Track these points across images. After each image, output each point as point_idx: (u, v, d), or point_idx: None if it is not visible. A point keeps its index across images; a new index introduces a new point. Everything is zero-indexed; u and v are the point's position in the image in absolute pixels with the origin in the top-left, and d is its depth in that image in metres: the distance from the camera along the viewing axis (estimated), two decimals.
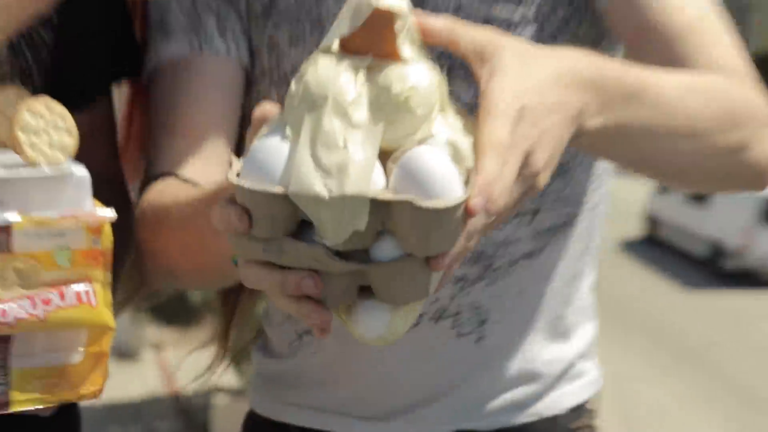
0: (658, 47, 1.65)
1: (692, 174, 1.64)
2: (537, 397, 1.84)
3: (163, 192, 1.72)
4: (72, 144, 1.51)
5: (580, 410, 1.89)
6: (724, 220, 22.84)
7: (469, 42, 1.32)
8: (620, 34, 1.72)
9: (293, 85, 1.25)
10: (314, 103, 1.21)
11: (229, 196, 1.24)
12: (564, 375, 1.87)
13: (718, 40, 1.69)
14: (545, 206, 1.77)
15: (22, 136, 1.49)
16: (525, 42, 1.36)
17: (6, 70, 1.75)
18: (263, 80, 1.85)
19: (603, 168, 1.87)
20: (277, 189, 1.18)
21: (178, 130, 1.80)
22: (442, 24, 1.33)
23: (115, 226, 1.53)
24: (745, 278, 22.49)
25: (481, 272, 1.77)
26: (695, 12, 1.69)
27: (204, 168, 1.77)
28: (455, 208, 1.16)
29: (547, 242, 1.80)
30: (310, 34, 1.79)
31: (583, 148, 1.53)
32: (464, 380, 1.80)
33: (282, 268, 1.22)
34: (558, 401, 1.86)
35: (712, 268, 23.46)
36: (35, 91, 1.71)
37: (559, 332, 1.87)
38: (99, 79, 1.91)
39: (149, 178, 1.79)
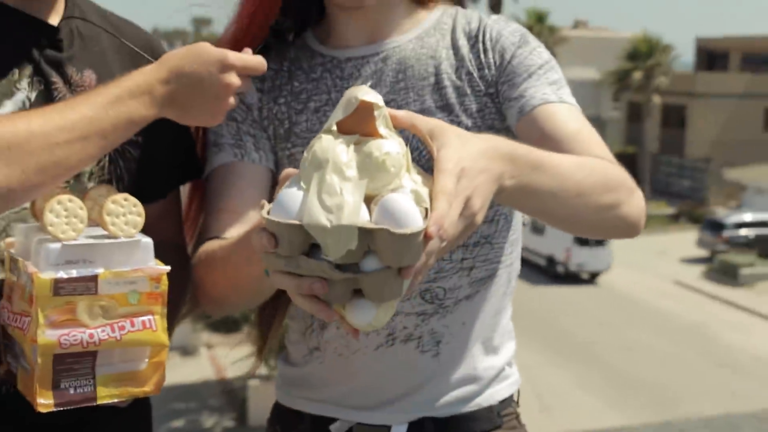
0: (553, 149, 1.65)
1: (581, 223, 1.67)
2: (477, 393, 1.85)
3: (212, 244, 1.75)
4: (141, 222, 1.55)
5: (507, 401, 1.90)
6: (554, 243, 27.83)
7: (424, 125, 1.38)
8: (526, 141, 1.70)
9: (305, 153, 1.30)
10: (319, 165, 1.28)
11: (261, 227, 1.29)
12: (496, 377, 1.88)
13: (595, 142, 1.74)
14: (477, 264, 1.81)
15: (107, 218, 1.53)
16: (460, 129, 1.42)
17: (105, 175, 1.78)
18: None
19: (515, 238, 1.89)
20: (295, 221, 1.25)
21: (224, 210, 1.81)
22: (405, 114, 1.39)
23: (175, 275, 1.57)
24: (569, 278, 28.38)
25: (435, 309, 1.79)
26: (577, 125, 1.74)
27: (241, 233, 1.75)
28: (418, 233, 1.22)
29: (479, 289, 1.83)
30: None
31: (503, 202, 1.54)
32: (427, 382, 1.81)
33: (299, 276, 1.27)
34: (492, 396, 1.87)
35: (549, 273, 28.96)
36: (125, 188, 1.73)
37: (491, 348, 1.88)
38: (169, 181, 1.93)
39: (202, 240, 1.81)
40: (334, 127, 1.32)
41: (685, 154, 45.96)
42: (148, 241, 1.54)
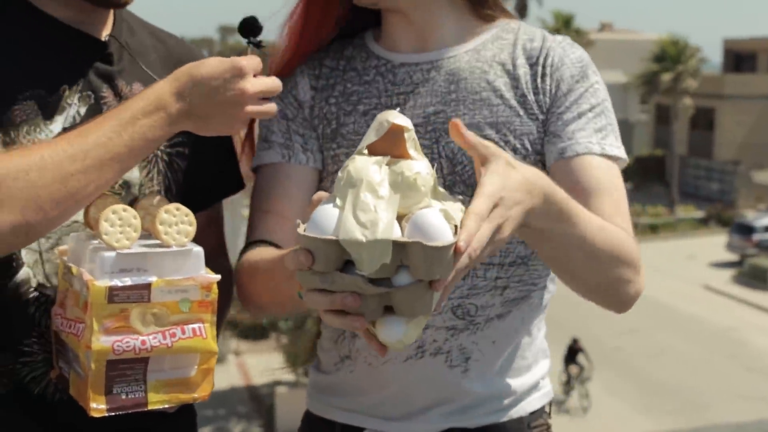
0: (582, 200, 1.68)
1: (579, 283, 1.70)
2: (508, 407, 1.86)
3: (254, 253, 1.77)
4: (192, 232, 1.58)
5: (538, 412, 1.90)
6: None
7: (481, 147, 1.41)
8: (558, 184, 1.70)
9: (340, 173, 1.34)
10: (354, 184, 1.32)
11: (297, 247, 1.32)
12: (527, 391, 1.88)
13: (622, 208, 1.76)
14: (511, 284, 1.82)
15: (160, 227, 1.56)
16: (512, 157, 1.46)
17: (155, 186, 1.81)
18: (327, 179, 1.87)
19: None
20: (332, 237, 1.28)
21: (271, 211, 1.84)
22: (470, 133, 1.41)
23: (218, 283, 1.59)
24: None
25: (465, 325, 1.80)
26: (610, 186, 1.76)
27: (285, 236, 1.81)
28: (449, 246, 1.26)
29: (511, 309, 1.83)
30: None
31: (521, 235, 1.57)
32: (455, 395, 1.82)
33: (332, 293, 1.30)
34: (523, 408, 1.87)
35: None
36: (172, 198, 1.77)
37: (523, 368, 1.88)
38: (214, 192, 1.98)
39: (247, 244, 1.84)
40: (366, 149, 1.37)
41: (713, 157, 45.79)
42: (199, 250, 1.58)
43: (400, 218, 1.32)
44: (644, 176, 44.21)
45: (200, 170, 1.91)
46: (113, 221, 1.53)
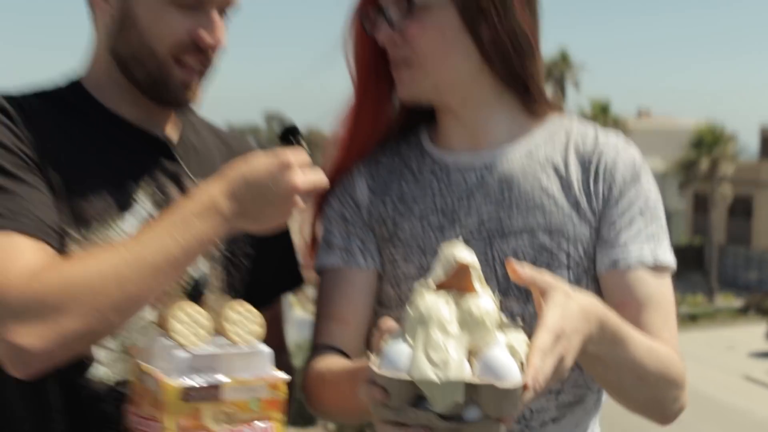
0: (633, 311, 1.74)
1: (628, 400, 1.74)
2: None
3: (321, 362, 1.80)
4: (260, 332, 1.61)
5: None
6: None
7: (539, 282, 1.46)
8: (609, 292, 1.81)
9: (409, 310, 1.37)
10: (424, 321, 1.35)
11: (369, 378, 1.35)
12: None
13: (670, 322, 1.81)
14: (566, 389, 1.84)
15: (227, 326, 1.59)
16: (568, 286, 1.50)
17: (219, 283, 1.86)
18: (385, 279, 1.90)
19: None
20: (406, 376, 1.32)
21: (334, 317, 1.87)
22: (527, 270, 1.46)
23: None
24: None
25: (521, 429, 1.82)
26: (660, 299, 1.80)
27: (348, 341, 1.84)
28: (518, 388, 1.31)
29: (566, 412, 1.85)
30: (416, 255, 1.85)
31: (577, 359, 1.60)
32: None
33: (405, 425, 1.34)
34: None
35: None
36: (235, 295, 1.81)
37: None
38: (276, 289, 2.03)
39: (313, 349, 1.87)
40: (433, 284, 1.41)
41: (752, 245, 45.46)
42: (268, 350, 1.61)
43: (469, 354, 1.36)
44: (683, 265, 43.80)
45: (261, 267, 1.95)
46: (182, 320, 1.56)
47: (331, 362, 1.78)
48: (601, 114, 41.85)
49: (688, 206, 50.85)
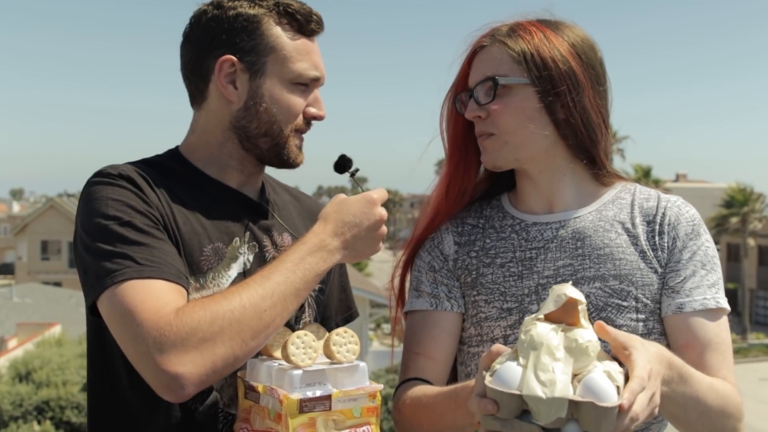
0: (696, 351, 1.75)
1: (692, 430, 1.71)
2: None
3: (415, 390, 1.81)
4: (358, 350, 1.66)
5: None
6: None
7: (620, 336, 1.46)
8: (674, 333, 1.80)
9: (522, 336, 1.40)
10: (536, 347, 1.37)
11: (481, 392, 1.37)
12: None
13: (728, 359, 1.80)
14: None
15: (334, 348, 1.65)
16: (639, 338, 1.49)
17: (307, 317, 1.92)
18: (468, 320, 1.90)
19: None
20: (516, 392, 1.34)
21: (422, 354, 1.88)
22: (615, 331, 1.47)
23: None
24: None
25: None
26: (721, 340, 1.79)
27: (434, 375, 1.85)
28: (616, 407, 1.32)
29: None
30: (497, 299, 1.85)
31: None
32: None
33: None
34: None
35: None
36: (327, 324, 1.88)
37: None
38: (337, 322, 2.10)
39: (403, 377, 1.88)
40: (543, 316, 1.43)
41: None
42: (364, 365, 1.65)
43: (572, 377, 1.37)
44: None
45: (330, 304, 2.04)
46: (298, 345, 1.62)
47: (425, 389, 1.79)
48: (643, 177, 41.36)
49: (722, 256, 49.82)
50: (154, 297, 1.59)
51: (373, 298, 28.27)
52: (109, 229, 1.66)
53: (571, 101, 1.80)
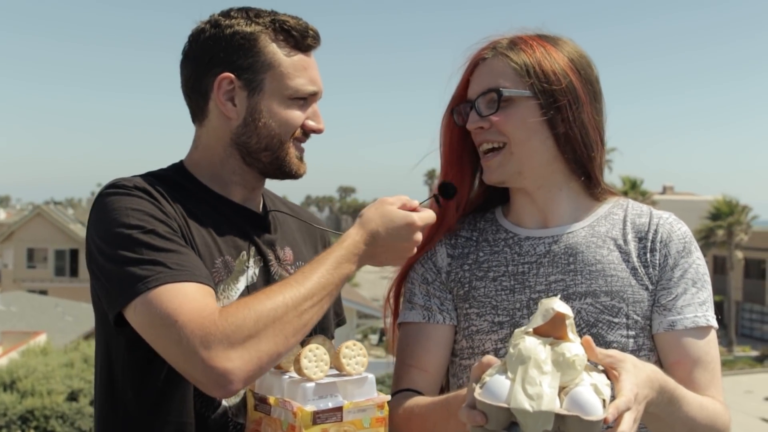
0: (686, 367, 1.78)
1: None
2: None
3: (408, 400, 1.83)
4: (366, 362, 1.70)
5: None
6: None
7: (609, 357, 1.49)
8: (665, 350, 1.82)
9: (511, 350, 1.41)
10: (524, 361, 1.40)
11: (471, 403, 1.40)
12: None
13: (717, 376, 1.82)
14: None
15: (344, 361, 1.69)
16: (635, 358, 1.53)
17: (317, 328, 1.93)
18: (460, 332, 1.92)
19: None
20: (504, 404, 1.37)
21: (414, 366, 1.90)
22: (603, 350, 1.49)
23: None
24: None
25: None
26: (710, 358, 1.81)
27: (426, 386, 1.88)
28: (600, 421, 1.35)
29: None
30: (488, 312, 1.87)
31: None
32: None
33: None
34: None
35: None
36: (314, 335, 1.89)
37: None
38: (334, 327, 2.15)
39: (396, 388, 1.90)
40: (531, 330, 1.45)
41: (766, 302, 44.52)
42: (372, 376, 1.69)
43: (559, 390, 1.39)
44: None
45: (327, 313, 2.03)
46: (311, 358, 1.66)
47: (418, 399, 1.82)
48: (631, 189, 41.45)
49: (708, 269, 49.84)
50: (191, 299, 1.62)
51: (361, 308, 28.19)
52: (133, 237, 1.68)
53: (572, 116, 1.82)
